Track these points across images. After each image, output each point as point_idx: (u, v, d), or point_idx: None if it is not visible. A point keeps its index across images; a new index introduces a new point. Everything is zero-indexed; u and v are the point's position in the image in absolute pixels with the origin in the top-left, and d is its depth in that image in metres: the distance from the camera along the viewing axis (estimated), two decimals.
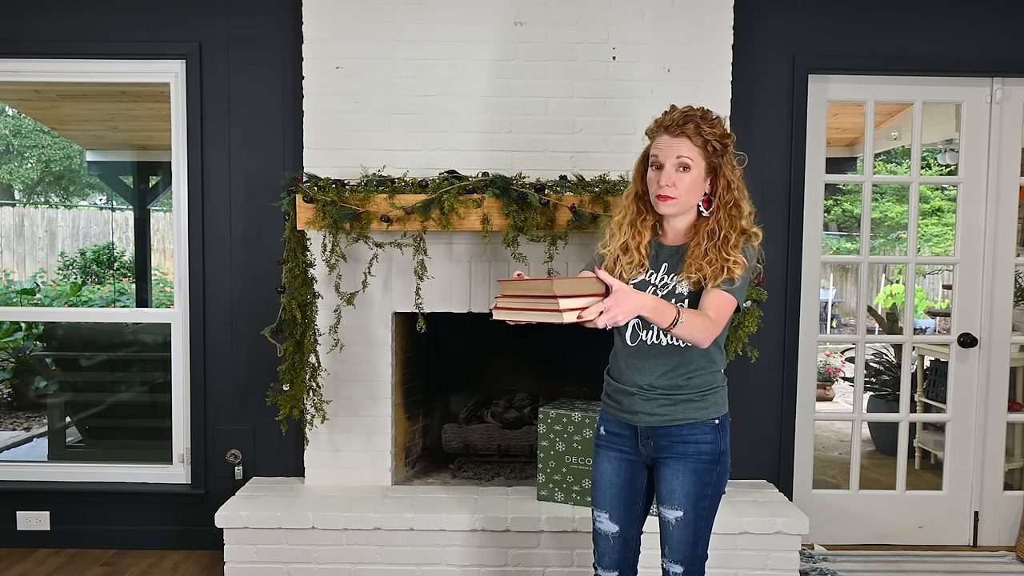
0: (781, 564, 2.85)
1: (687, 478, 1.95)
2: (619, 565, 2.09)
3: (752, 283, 3.02)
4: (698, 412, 1.95)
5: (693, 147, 1.89)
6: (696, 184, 1.92)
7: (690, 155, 1.89)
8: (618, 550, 2.08)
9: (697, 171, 1.91)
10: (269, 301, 3.17)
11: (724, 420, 1.99)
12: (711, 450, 1.95)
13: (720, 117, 1.94)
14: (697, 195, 1.94)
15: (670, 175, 1.90)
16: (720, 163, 1.91)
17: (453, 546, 2.87)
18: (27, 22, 3.24)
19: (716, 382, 1.99)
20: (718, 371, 2.01)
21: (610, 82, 3.07)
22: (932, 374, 4.60)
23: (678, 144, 1.89)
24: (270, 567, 2.88)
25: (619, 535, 2.07)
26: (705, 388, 1.97)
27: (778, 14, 3.27)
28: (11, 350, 5.78)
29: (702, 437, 1.95)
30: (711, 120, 1.90)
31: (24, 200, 11.15)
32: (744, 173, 2.00)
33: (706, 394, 1.96)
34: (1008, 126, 3.38)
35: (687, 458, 1.96)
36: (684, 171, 1.90)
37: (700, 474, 1.95)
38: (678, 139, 1.90)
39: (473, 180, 2.91)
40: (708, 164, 1.91)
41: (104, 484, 3.40)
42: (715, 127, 1.89)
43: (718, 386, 2.00)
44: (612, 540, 2.07)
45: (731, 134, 1.92)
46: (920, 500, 3.51)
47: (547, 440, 2.98)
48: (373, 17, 3.05)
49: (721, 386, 2.01)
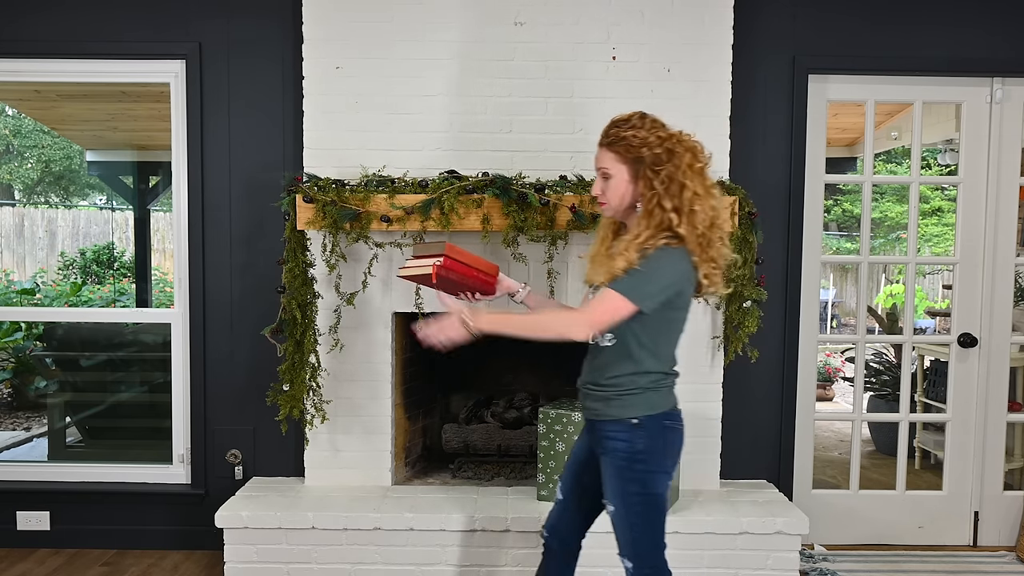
0: (781, 564, 2.86)
1: (609, 473, 2.04)
2: (554, 527, 2.24)
3: (752, 282, 3.02)
4: (617, 410, 2.01)
5: (609, 156, 1.99)
6: (619, 189, 1.99)
7: (607, 164, 2.00)
8: (556, 513, 2.24)
9: (619, 177, 1.98)
10: (269, 301, 3.17)
11: (648, 422, 1.99)
12: (626, 448, 1.99)
13: (647, 121, 1.96)
14: (625, 199, 2.00)
15: (597, 184, 2.05)
16: (641, 167, 1.94)
17: (453, 546, 2.87)
18: (27, 22, 3.24)
19: (640, 383, 2.00)
20: (646, 373, 2.00)
21: (610, 82, 3.07)
22: (932, 374, 4.60)
23: (600, 155, 2.03)
24: (270, 567, 2.88)
25: (562, 502, 2.23)
26: (627, 388, 2.00)
27: (778, 14, 3.27)
28: (11, 350, 5.78)
29: (619, 435, 2.00)
30: (628, 126, 1.96)
31: (24, 200, 11.16)
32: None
33: (625, 394, 2.00)
34: (1008, 126, 3.38)
35: (607, 454, 2.04)
36: (605, 180, 2.02)
37: (619, 471, 2.01)
38: (600, 149, 2.03)
39: (473, 180, 2.91)
40: (631, 169, 1.96)
41: (104, 484, 3.40)
42: (629, 133, 1.94)
43: (642, 387, 2.00)
44: (557, 504, 2.25)
45: (648, 138, 1.93)
46: (920, 500, 3.51)
47: (547, 440, 2.98)
48: (373, 17, 3.05)
49: (649, 388, 2.00)
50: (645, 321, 1.94)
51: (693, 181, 1.92)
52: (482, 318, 1.95)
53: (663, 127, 1.97)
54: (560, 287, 3.07)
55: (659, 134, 1.94)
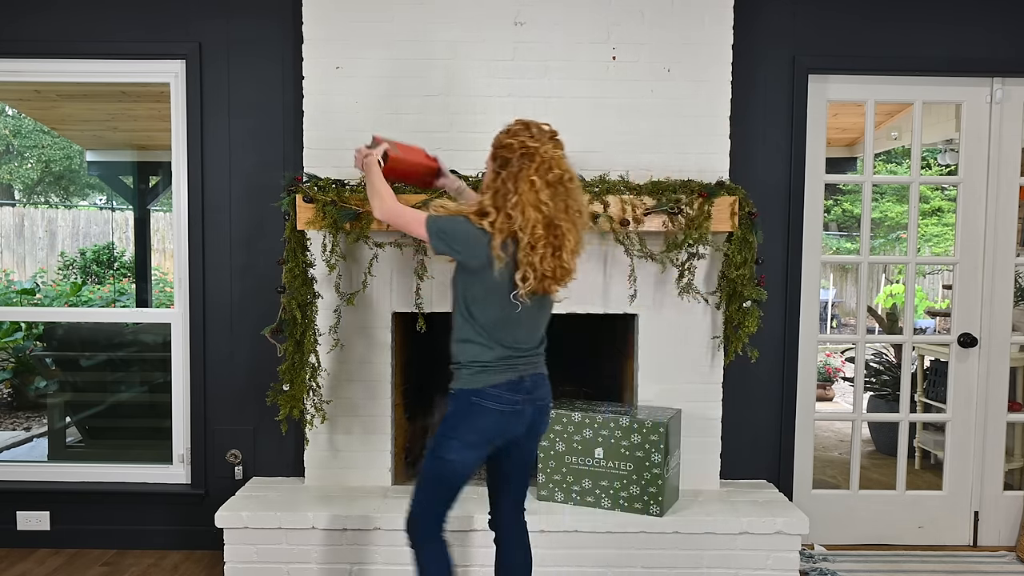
0: (781, 564, 2.86)
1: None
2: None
3: (752, 282, 3.02)
4: (452, 381, 2.26)
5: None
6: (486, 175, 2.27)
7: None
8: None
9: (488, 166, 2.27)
10: (269, 301, 3.17)
11: (460, 394, 2.21)
12: (444, 414, 2.25)
13: (513, 128, 2.21)
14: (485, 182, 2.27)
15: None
16: (493, 162, 2.23)
17: (453, 546, 2.86)
18: (27, 22, 3.24)
19: (461, 358, 2.22)
20: (463, 347, 2.21)
21: (610, 82, 3.07)
22: (932, 374, 4.60)
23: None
24: (270, 567, 2.88)
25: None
26: (455, 361, 2.25)
27: (778, 14, 3.27)
28: (11, 350, 5.78)
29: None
30: (503, 129, 2.24)
31: (24, 200, 11.16)
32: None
33: (454, 366, 2.25)
34: (1008, 126, 3.38)
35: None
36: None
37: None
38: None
39: (473, 180, 2.91)
40: (490, 161, 2.25)
41: (104, 484, 3.40)
42: (499, 134, 2.24)
43: (461, 363, 2.22)
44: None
45: (503, 140, 2.21)
46: (920, 500, 3.51)
47: (547, 440, 2.98)
48: (373, 17, 3.05)
49: (462, 363, 2.22)
50: (458, 291, 2.21)
51: (521, 187, 2.11)
52: (372, 160, 2.40)
53: (526, 135, 2.17)
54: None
55: (509, 140, 2.18)
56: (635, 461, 2.87)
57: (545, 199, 2.11)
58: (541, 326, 2.31)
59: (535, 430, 2.31)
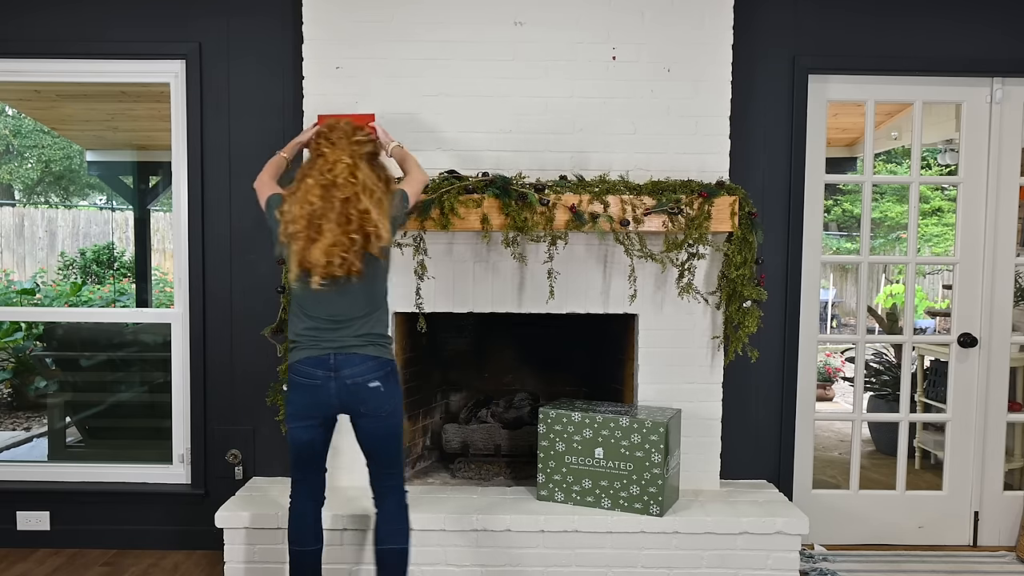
0: (781, 564, 2.86)
1: None
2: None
3: (752, 282, 3.02)
4: None
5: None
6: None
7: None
8: None
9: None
10: (269, 301, 3.17)
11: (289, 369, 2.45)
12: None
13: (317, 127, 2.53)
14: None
15: None
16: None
17: (453, 546, 2.86)
18: (27, 22, 3.24)
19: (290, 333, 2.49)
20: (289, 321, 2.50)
21: (610, 82, 3.07)
22: (932, 374, 4.60)
23: None
24: (270, 567, 2.88)
25: None
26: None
27: (778, 14, 3.27)
28: (11, 350, 5.78)
29: None
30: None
31: (24, 200, 11.16)
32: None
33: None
34: (1008, 126, 3.38)
35: None
36: None
37: None
38: None
39: (473, 180, 2.91)
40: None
41: (104, 484, 3.40)
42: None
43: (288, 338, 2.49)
44: None
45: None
46: (920, 500, 3.51)
47: (547, 440, 2.98)
48: (373, 17, 3.05)
49: (289, 338, 2.47)
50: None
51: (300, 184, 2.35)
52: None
53: (325, 140, 2.40)
54: (561, 287, 3.07)
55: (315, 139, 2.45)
56: (635, 461, 2.87)
57: (294, 190, 2.35)
58: (349, 309, 2.38)
59: (353, 408, 2.40)
